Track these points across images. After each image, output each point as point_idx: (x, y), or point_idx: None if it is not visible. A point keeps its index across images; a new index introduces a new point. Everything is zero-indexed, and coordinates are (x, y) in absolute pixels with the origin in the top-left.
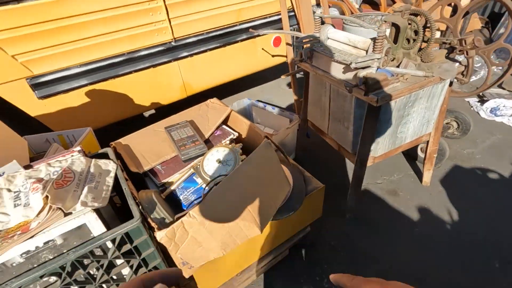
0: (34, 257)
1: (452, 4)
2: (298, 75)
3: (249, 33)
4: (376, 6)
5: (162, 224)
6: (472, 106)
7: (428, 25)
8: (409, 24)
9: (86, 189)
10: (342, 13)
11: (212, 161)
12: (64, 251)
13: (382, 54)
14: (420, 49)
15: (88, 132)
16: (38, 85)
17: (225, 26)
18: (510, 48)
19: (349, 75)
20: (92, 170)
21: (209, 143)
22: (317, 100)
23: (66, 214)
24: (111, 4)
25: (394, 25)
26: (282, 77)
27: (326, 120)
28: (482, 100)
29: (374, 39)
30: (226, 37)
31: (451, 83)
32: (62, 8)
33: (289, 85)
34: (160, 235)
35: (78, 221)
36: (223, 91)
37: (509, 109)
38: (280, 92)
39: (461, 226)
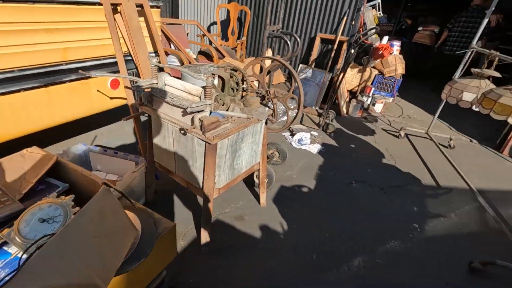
0: None
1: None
2: (143, 117)
3: (79, 73)
4: (210, 58)
5: None
6: (286, 139)
7: (245, 78)
8: (231, 77)
9: None
10: (181, 61)
11: (32, 222)
12: None
13: (212, 100)
14: (242, 97)
15: None
16: None
17: (47, 65)
18: (296, 98)
19: (187, 118)
20: None
21: (29, 200)
22: (162, 141)
23: None
24: None
25: (219, 77)
26: (123, 120)
27: (172, 160)
28: (292, 134)
29: (204, 88)
30: (48, 76)
31: (266, 122)
32: None
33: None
34: None
35: None
36: (50, 137)
37: (308, 139)
38: (124, 135)
39: (291, 234)
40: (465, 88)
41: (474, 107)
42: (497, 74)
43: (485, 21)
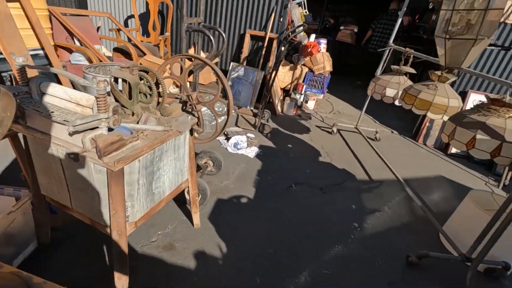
0: None
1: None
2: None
3: None
4: (128, 55)
5: None
6: (221, 144)
7: (160, 81)
8: (141, 79)
9: None
10: (89, 59)
11: None
12: None
13: (109, 113)
14: (158, 103)
15: None
16: None
17: None
18: (225, 102)
19: (78, 138)
20: None
21: None
22: (47, 169)
23: None
24: None
25: (124, 81)
26: None
27: (66, 192)
28: (227, 138)
29: (96, 98)
30: None
31: (192, 133)
32: None
33: None
34: None
35: None
36: None
37: (245, 142)
38: (9, 159)
39: (230, 256)
40: (387, 85)
41: (396, 102)
42: (413, 71)
43: (398, 22)
